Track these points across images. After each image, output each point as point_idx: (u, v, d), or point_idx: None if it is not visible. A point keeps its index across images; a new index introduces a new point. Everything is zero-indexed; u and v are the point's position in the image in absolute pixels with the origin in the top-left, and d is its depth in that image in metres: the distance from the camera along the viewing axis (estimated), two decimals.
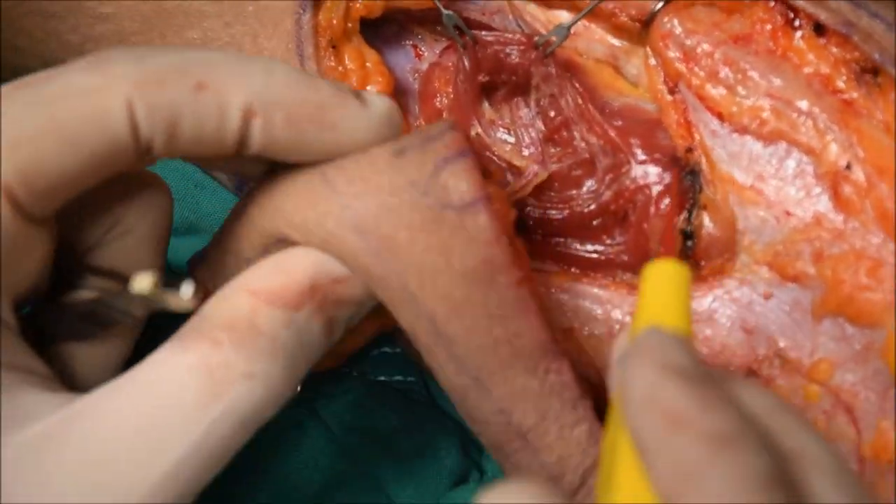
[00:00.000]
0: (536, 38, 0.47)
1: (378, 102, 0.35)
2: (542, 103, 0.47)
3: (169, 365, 0.31)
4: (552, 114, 0.47)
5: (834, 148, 0.43)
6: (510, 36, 0.47)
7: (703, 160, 0.45)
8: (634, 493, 0.28)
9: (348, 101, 0.34)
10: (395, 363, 0.50)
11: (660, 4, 0.45)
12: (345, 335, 0.36)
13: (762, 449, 0.27)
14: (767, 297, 0.44)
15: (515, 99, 0.48)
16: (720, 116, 0.44)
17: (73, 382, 0.35)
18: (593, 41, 0.48)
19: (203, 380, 0.30)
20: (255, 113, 0.32)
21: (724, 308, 0.45)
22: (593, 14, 0.46)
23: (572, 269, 0.46)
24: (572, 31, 0.46)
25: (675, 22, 0.45)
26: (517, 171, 0.47)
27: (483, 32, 0.47)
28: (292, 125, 0.33)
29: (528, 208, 0.46)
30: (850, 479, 0.29)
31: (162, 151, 0.32)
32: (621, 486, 0.28)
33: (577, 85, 0.47)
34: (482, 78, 0.47)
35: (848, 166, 0.42)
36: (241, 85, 0.32)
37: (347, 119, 0.34)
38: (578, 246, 0.46)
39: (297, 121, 0.33)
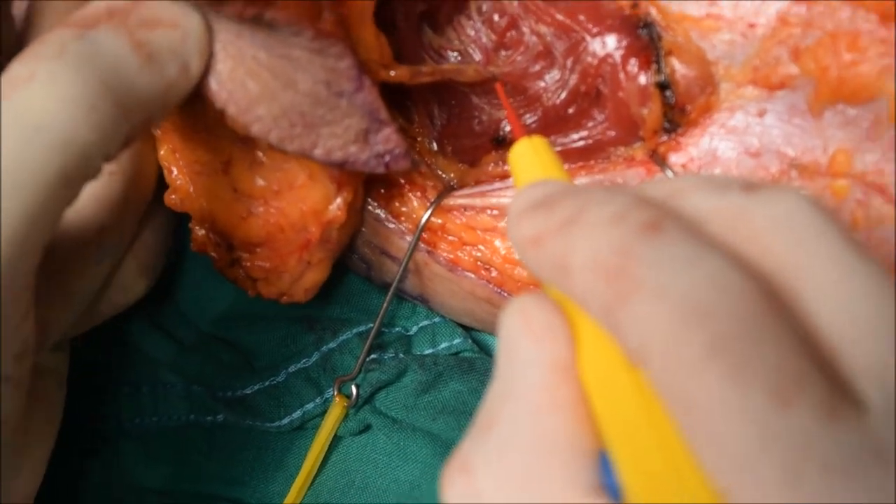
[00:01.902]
0: None
1: None
2: (483, 10, 0.47)
3: None
4: (496, 18, 0.46)
5: None
6: None
7: (653, 9, 0.44)
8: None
9: None
10: (439, 332, 0.50)
11: None
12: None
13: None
14: (762, 114, 0.43)
15: (457, 17, 0.48)
16: None
17: None
18: None
19: None
20: None
21: (724, 142, 0.44)
22: None
23: (567, 165, 0.46)
24: None
25: None
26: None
27: None
28: None
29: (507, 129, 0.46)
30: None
31: None
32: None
33: None
34: (420, 7, 0.47)
35: None
36: None
37: None
38: (564, 139, 0.46)
39: None
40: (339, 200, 0.43)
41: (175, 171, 0.44)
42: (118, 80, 0.32)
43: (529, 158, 0.37)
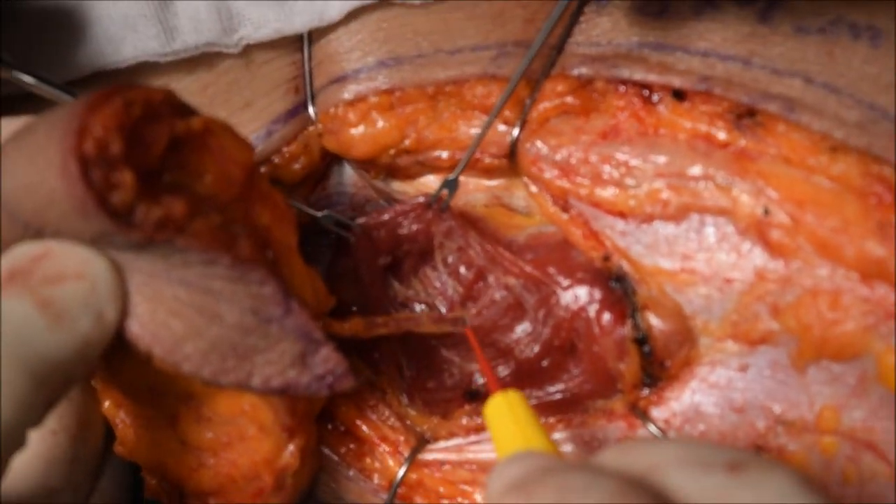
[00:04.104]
0: (428, 198, 0.45)
1: None
2: (450, 262, 0.45)
3: None
4: (463, 270, 0.45)
5: (745, 199, 0.41)
6: (401, 207, 0.46)
7: (624, 263, 0.43)
8: None
9: None
10: None
11: (515, 131, 0.43)
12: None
13: None
14: (744, 369, 0.42)
15: (422, 269, 0.46)
16: (621, 214, 0.42)
17: None
18: (471, 192, 0.46)
19: None
20: None
21: (707, 397, 0.42)
22: None
23: (545, 419, 0.44)
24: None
25: (539, 143, 0.43)
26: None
27: (372, 216, 0.45)
28: None
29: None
30: None
31: None
32: None
33: (479, 232, 0.45)
34: (383, 260, 0.45)
35: (766, 211, 0.40)
36: None
37: None
38: (539, 392, 0.44)
39: None
40: (291, 447, 0.42)
41: (120, 424, 0.43)
42: (27, 349, 0.31)
43: (506, 416, 0.37)
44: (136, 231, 0.32)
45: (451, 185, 0.44)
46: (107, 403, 0.43)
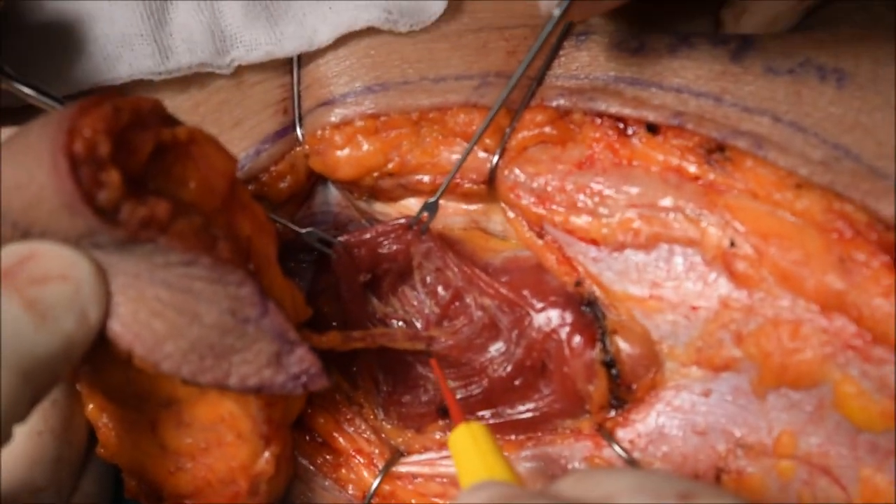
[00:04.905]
0: (408, 220, 0.46)
1: None
2: (428, 282, 0.47)
3: None
4: (440, 290, 0.46)
5: (712, 231, 0.42)
6: (382, 227, 0.47)
7: (596, 288, 0.44)
8: None
9: None
10: None
11: (495, 159, 0.45)
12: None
13: None
14: (707, 394, 0.44)
15: (401, 288, 0.47)
16: (594, 242, 0.44)
17: None
18: (450, 216, 0.47)
19: None
20: None
21: (670, 420, 0.44)
22: None
23: (515, 436, 0.46)
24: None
25: (517, 171, 0.44)
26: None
27: (355, 233, 0.47)
28: None
29: (458, 393, 0.46)
30: None
31: None
32: None
33: (457, 254, 0.46)
34: (363, 277, 0.47)
35: (732, 243, 0.42)
36: None
37: None
38: (510, 410, 0.46)
39: None
40: (266, 454, 0.43)
41: (102, 427, 0.44)
42: (13, 346, 0.32)
43: (468, 447, 0.37)
44: (120, 229, 0.33)
45: (432, 208, 0.45)
46: (90, 407, 0.44)
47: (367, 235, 0.46)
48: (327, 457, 0.47)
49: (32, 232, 0.34)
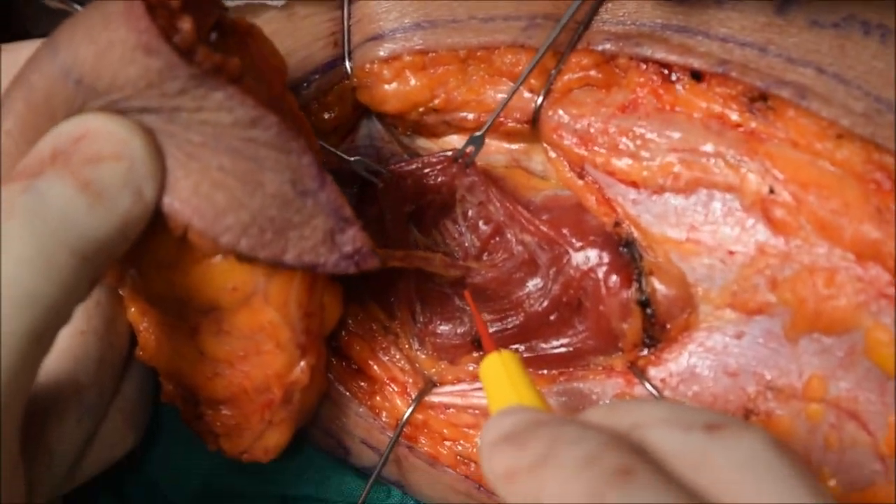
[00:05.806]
0: (454, 152, 0.47)
1: None
2: (469, 216, 0.47)
3: None
4: (481, 224, 0.47)
5: (752, 178, 0.43)
6: (428, 159, 0.48)
7: (634, 230, 0.45)
8: None
9: None
10: None
11: (539, 99, 0.45)
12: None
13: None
14: (739, 336, 0.44)
15: (443, 221, 0.48)
16: (634, 184, 0.45)
17: None
18: (492, 153, 0.48)
19: None
20: None
21: (702, 360, 0.45)
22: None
23: (547, 371, 0.46)
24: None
25: (561, 112, 0.45)
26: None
27: (401, 164, 0.48)
28: None
29: (493, 327, 0.47)
30: None
31: None
32: None
33: (499, 190, 0.47)
34: (408, 207, 0.48)
35: (771, 191, 0.43)
36: None
37: None
38: (544, 345, 0.47)
39: None
40: (302, 364, 0.44)
41: (143, 330, 0.45)
42: (70, 228, 0.32)
43: (499, 375, 0.38)
44: (196, 66, 0.33)
45: (478, 142, 0.46)
46: (132, 310, 0.45)
47: (414, 166, 0.47)
48: (362, 384, 0.48)
49: (98, 87, 0.34)
